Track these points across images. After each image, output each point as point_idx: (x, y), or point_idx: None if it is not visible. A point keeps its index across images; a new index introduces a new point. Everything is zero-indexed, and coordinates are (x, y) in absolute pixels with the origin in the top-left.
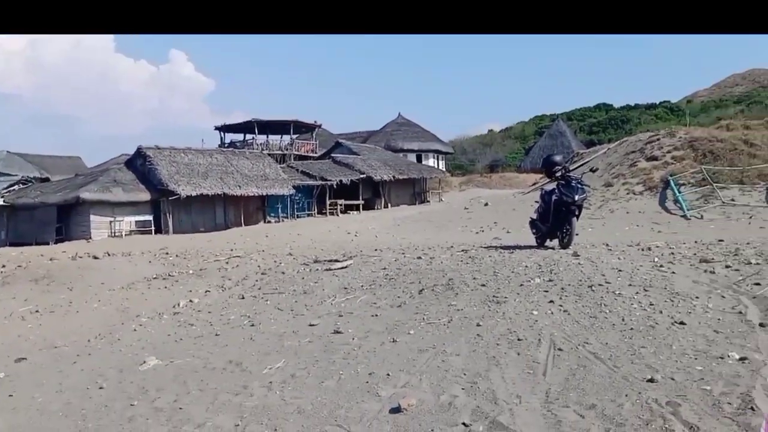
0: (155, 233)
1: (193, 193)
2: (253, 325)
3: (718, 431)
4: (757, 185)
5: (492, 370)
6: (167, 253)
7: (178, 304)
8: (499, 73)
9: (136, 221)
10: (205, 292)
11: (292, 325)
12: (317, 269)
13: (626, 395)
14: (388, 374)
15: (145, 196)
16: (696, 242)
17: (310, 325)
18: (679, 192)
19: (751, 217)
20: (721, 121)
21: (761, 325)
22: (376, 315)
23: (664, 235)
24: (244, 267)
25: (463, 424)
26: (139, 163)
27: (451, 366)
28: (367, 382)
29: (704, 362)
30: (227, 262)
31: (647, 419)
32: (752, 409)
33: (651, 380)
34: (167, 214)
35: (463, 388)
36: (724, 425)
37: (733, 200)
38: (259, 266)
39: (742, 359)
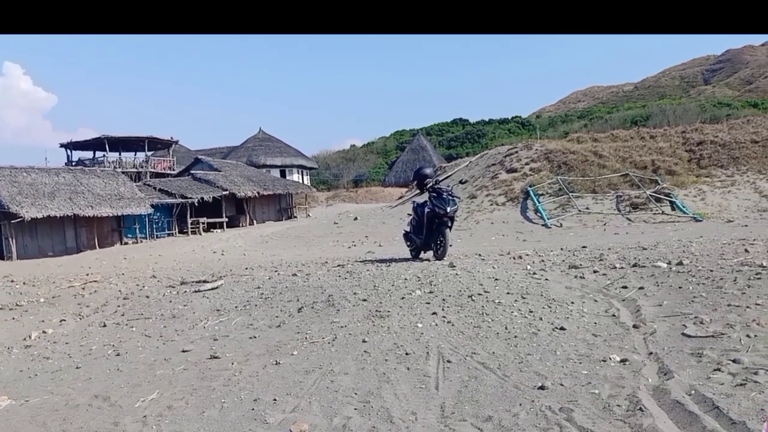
0: None
1: (39, 215)
2: (118, 355)
3: None
4: (608, 194)
5: (383, 387)
6: (12, 281)
7: (30, 336)
8: (359, 88)
9: None
10: (60, 321)
11: (162, 352)
12: (185, 291)
13: (520, 404)
14: (275, 399)
15: None
16: (562, 249)
17: (183, 351)
18: (539, 202)
19: (605, 224)
20: (571, 135)
21: (635, 326)
22: (255, 337)
23: (529, 243)
24: (103, 292)
25: None
26: None
27: (341, 386)
28: (253, 409)
29: (589, 366)
30: (83, 288)
31: (544, 427)
32: (641, 409)
33: (542, 387)
34: (9, 239)
35: (356, 409)
36: (617, 428)
37: (587, 208)
38: (120, 291)
39: (623, 361)
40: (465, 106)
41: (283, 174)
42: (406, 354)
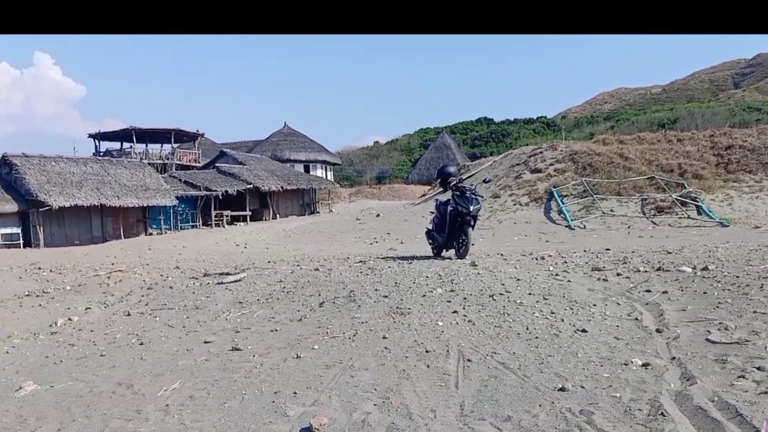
0: (24, 247)
1: (67, 204)
2: (142, 344)
3: None
4: (632, 196)
5: (403, 384)
6: (40, 268)
7: (56, 323)
8: (384, 85)
9: (2, 234)
10: (86, 309)
11: (185, 342)
12: (208, 283)
13: (540, 405)
14: (295, 392)
15: (11, 207)
16: (585, 251)
17: (205, 342)
18: (563, 203)
19: (629, 227)
20: (597, 136)
21: (658, 330)
22: (276, 330)
23: (551, 244)
24: (127, 282)
25: None
26: (4, 172)
27: (361, 381)
28: (273, 401)
29: (610, 369)
30: (109, 277)
31: (563, 429)
32: (662, 414)
33: (562, 389)
34: (37, 227)
35: (375, 404)
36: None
37: (612, 211)
38: (144, 281)
39: (645, 365)
40: (490, 105)
41: (306, 169)
42: (426, 351)
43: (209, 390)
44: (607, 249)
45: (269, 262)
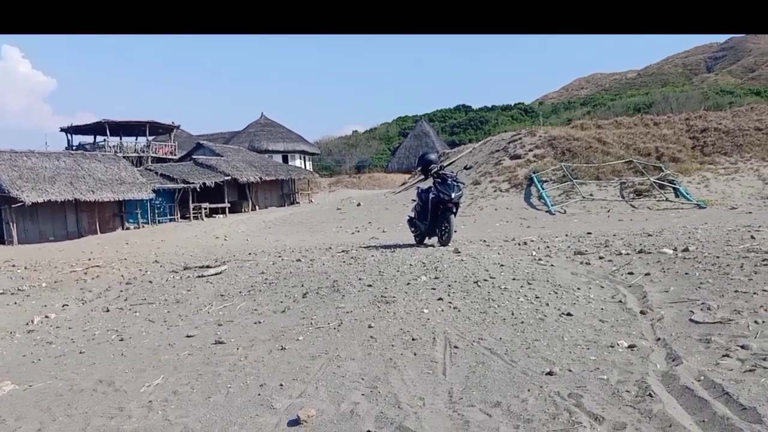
0: None
1: (40, 200)
2: (122, 340)
3: (622, 420)
4: (611, 180)
5: (390, 372)
6: (14, 266)
7: (32, 321)
8: (361, 74)
9: None
10: (63, 306)
11: (166, 337)
12: (188, 276)
13: (528, 390)
14: (281, 384)
15: None
16: (567, 236)
17: (188, 336)
18: (543, 188)
19: (609, 211)
20: (575, 121)
21: (642, 312)
22: (259, 322)
23: (533, 229)
24: (105, 277)
25: (369, 431)
26: None
27: (348, 371)
28: (259, 394)
29: (596, 352)
30: (86, 273)
31: (553, 413)
32: (650, 395)
33: (550, 373)
34: (10, 224)
35: (363, 394)
36: (627, 413)
37: (591, 195)
38: (122, 276)
39: (630, 347)
40: (468, 92)
41: (285, 159)
42: (413, 339)
43: (193, 384)
44: (589, 233)
45: (250, 254)
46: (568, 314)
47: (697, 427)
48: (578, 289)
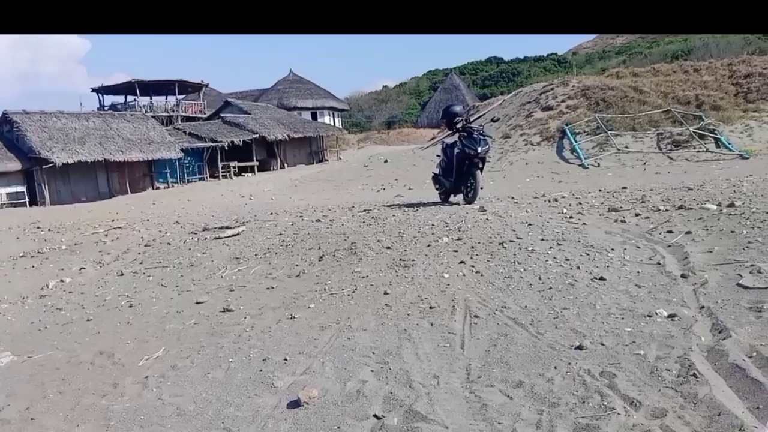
0: (30, 205)
1: (70, 161)
2: (131, 306)
3: (662, 405)
4: (648, 131)
5: (404, 345)
6: (39, 227)
7: (47, 285)
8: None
9: (7, 193)
10: (80, 269)
11: (176, 303)
12: (206, 238)
13: (555, 367)
14: (286, 359)
15: (14, 165)
16: (600, 191)
17: (197, 303)
18: (576, 141)
19: (645, 163)
20: (610, 70)
21: (683, 276)
22: (272, 288)
23: (565, 184)
24: (125, 239)
25: (375, 416)
26: (5, 130)
27: (358, 344)
28: (261, 370)
29: (632, 322)
30: (106, 235)
31: (582, 396)
32: (694, 375)
33: (579, 347)
34: (42, 185)
35: (372, 371)
36: (668, 397)
37: (627, 147)
38: (142, 237)
39: (671, 316)
40: (499, 44)
41: (314, 116)
42: (430, 308)
43: (194, 358)
44: (624, 187)
45: (272, 213)
46: (601, 278)
47: (751, 415)
48: (612, 249)
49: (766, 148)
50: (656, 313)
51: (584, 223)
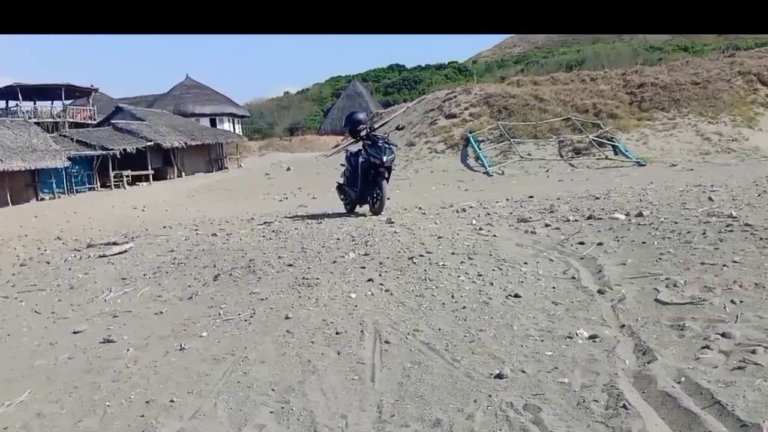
0: None
1: None
2: None
3: None
4: (549, 139)
5: (308, 380)
6: None
7: None
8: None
9: None
10: None
11: (50, 333)
12: (89, 256)
13: (475, 401)
14: (172, 401)
15: None
16: (507, 200)
17: (74, 333)
18: (480, 149)
19: (548, 171)
20: (510, 78)
21: (599, 291)
22: (161, 312)
23: (471, 193)
24: None
25: None
26: None
27: (256, 379)
28: (143, 415)
29: (552, 345)
30: None
31: None
32: (624, 407)
33: (499, 376)
34: None
35: (272, 411)
36: None
37: (530, 155)
38: (17, 256)
39: (592, 337)
40: (401, 51)
41: (213, 123)
42: (337, 333)
43: (64, 402)
44: (531, 196)
45: (165, 227)
46: (516, 295)
47: None
48: (525, 263)
49: (661, 156)
50: (577, 334)
51: (494, 235)
